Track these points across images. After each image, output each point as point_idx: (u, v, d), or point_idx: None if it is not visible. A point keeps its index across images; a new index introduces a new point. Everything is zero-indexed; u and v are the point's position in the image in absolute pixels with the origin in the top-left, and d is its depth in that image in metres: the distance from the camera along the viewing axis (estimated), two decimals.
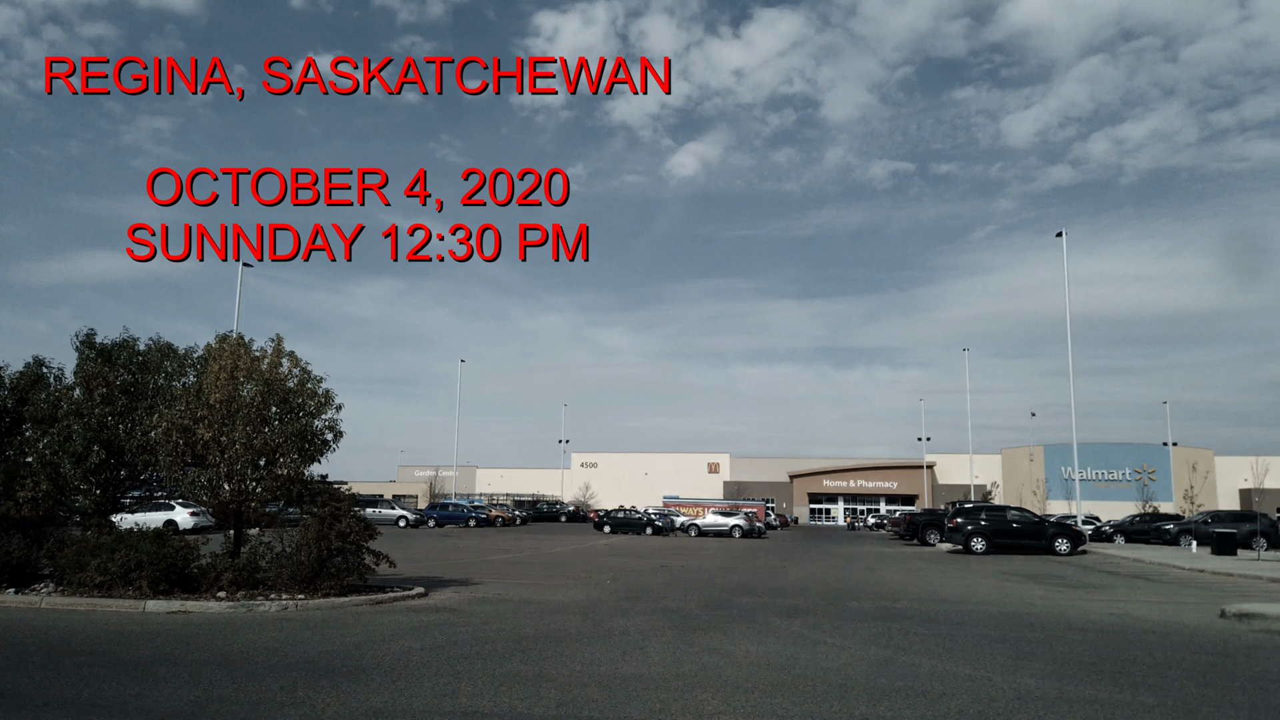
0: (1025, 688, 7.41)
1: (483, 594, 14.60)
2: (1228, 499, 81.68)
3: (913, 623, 11.70)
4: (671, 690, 7.10)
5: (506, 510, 65.07)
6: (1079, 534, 33.89)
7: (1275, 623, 11.95)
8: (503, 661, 8.30)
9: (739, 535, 46.73)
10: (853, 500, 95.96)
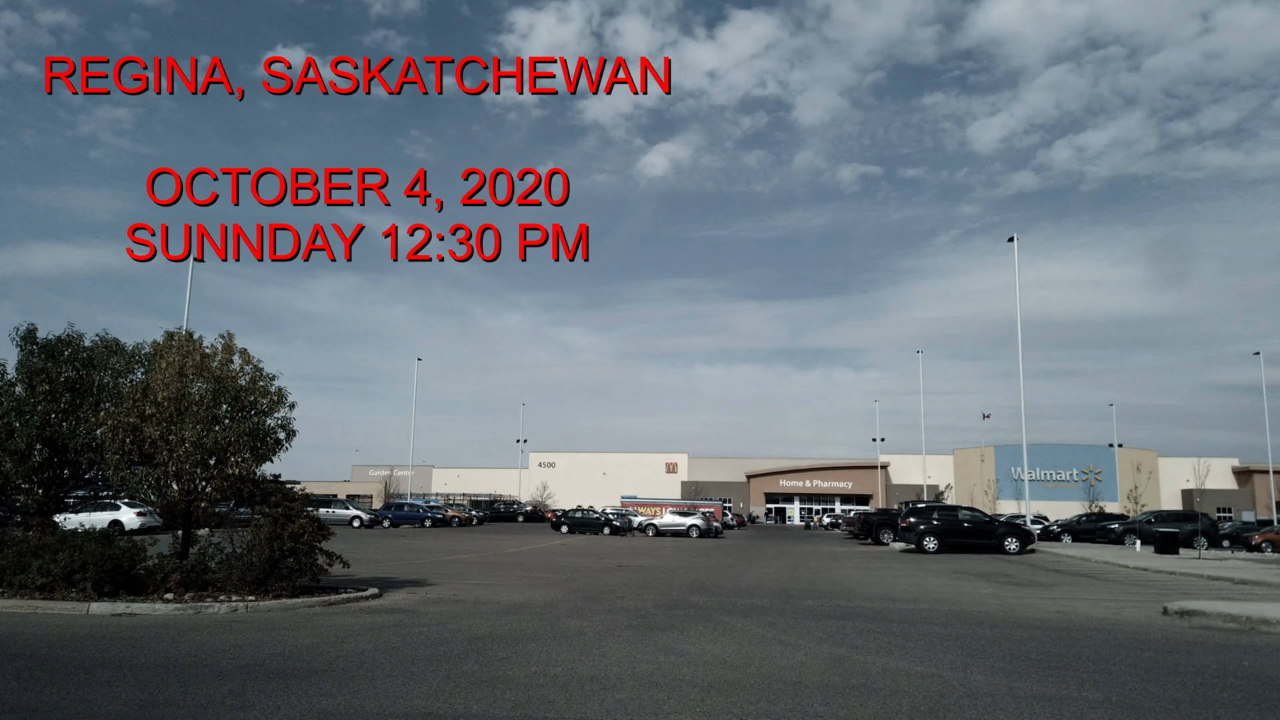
0: (975, 684, 7.54)
1: (438, 595, 14.47)
2: (1170, 499, 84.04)
3: (866, 621, 11.85)
4: (628, 690, 7.11)
5: (463, 510, 64.60)
6: (1028, 533, 34.60)
7: (1214, 620, 12.31)
8: (457, 662, 8.24)
9: (696, 535, 46.92)
10: (809, 500, 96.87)
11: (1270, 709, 6.78)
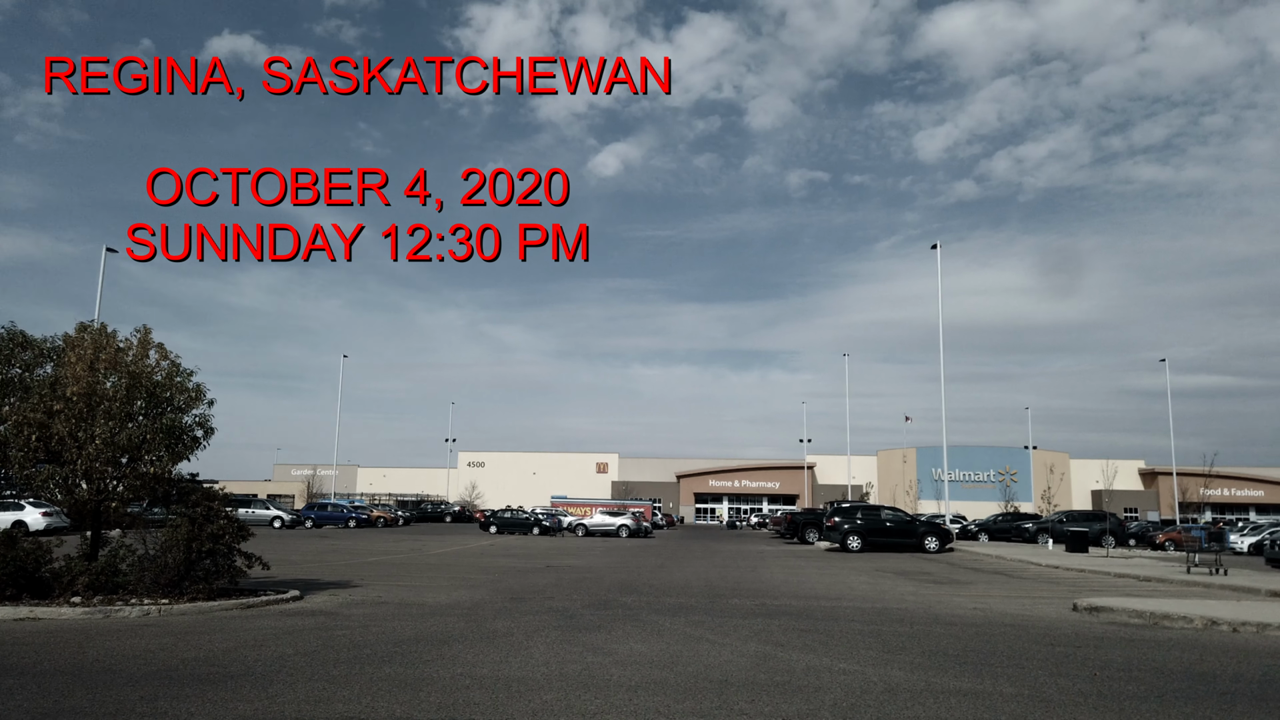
0: (895, 680, 7.73)
1: (361, 596, 14.20)
2: (1081, 499, 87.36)
3: (791, 619, 12.04)
4: (555, 690, 7.09)
5: (389, 510, 63.49)
6: (947, 532, 35.60)
7: (1121, 616, 12.85)
8: (381, 665, 8.10)
9: (626, 535, 47.00)
10: (737, 500, 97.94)
11: (1170, 701, 7.10)
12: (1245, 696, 7.30)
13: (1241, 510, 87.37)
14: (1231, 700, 7.13)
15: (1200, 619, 12.01)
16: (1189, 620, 12.04)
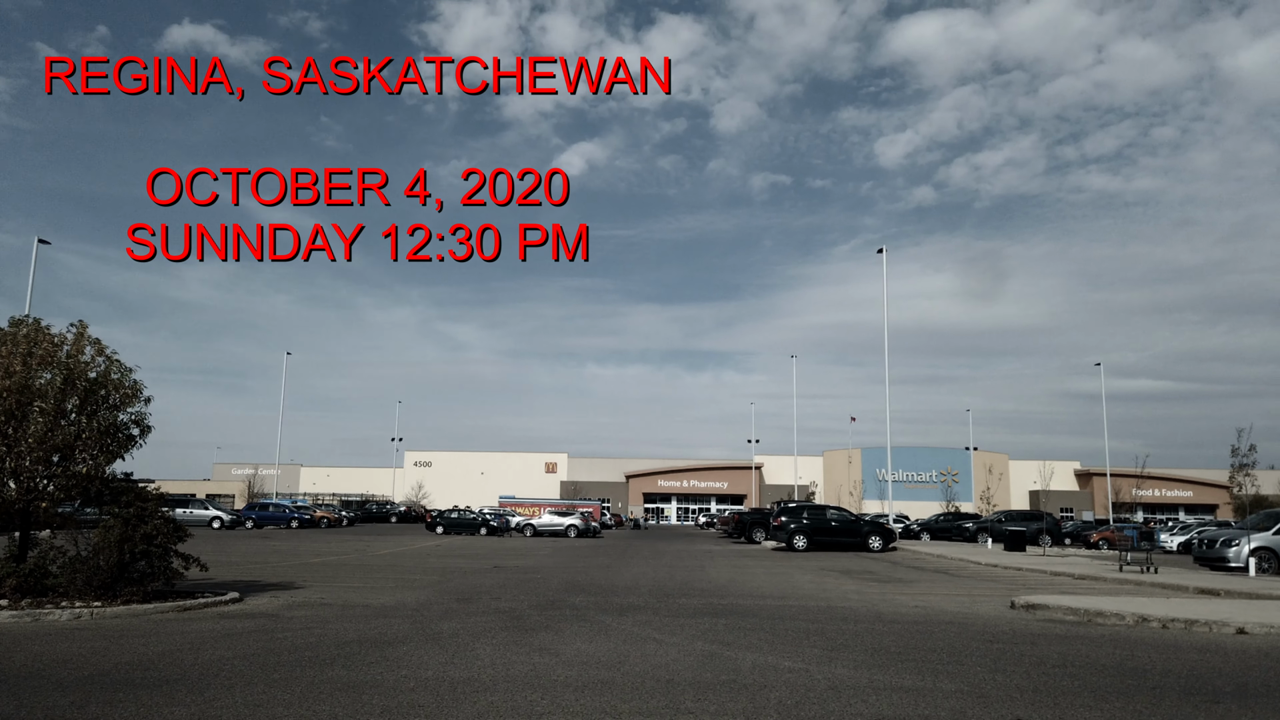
0: (839, 678, 7.83)
1: (303, 598, 13.95)
2: (1020, 499, 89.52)
3: (738, 618, 12.13)
4: (501, 692, 7.04)
5: (332, 510, 62.51)
6: (890, 532, 36.20)
7: (1056, 613, 13.20)
8: (323, 669, 7.97)
9: (575, 535, 46.91)
10: (686, 500, 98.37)
11: (1104, 695, 7.32)
12: (1174, 691, 7.55)
13: (1172, 510, 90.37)
14: (1161, 694, 7.37)
15: (1132, 616, 12.39)
16: (1121, 617, 12.41)
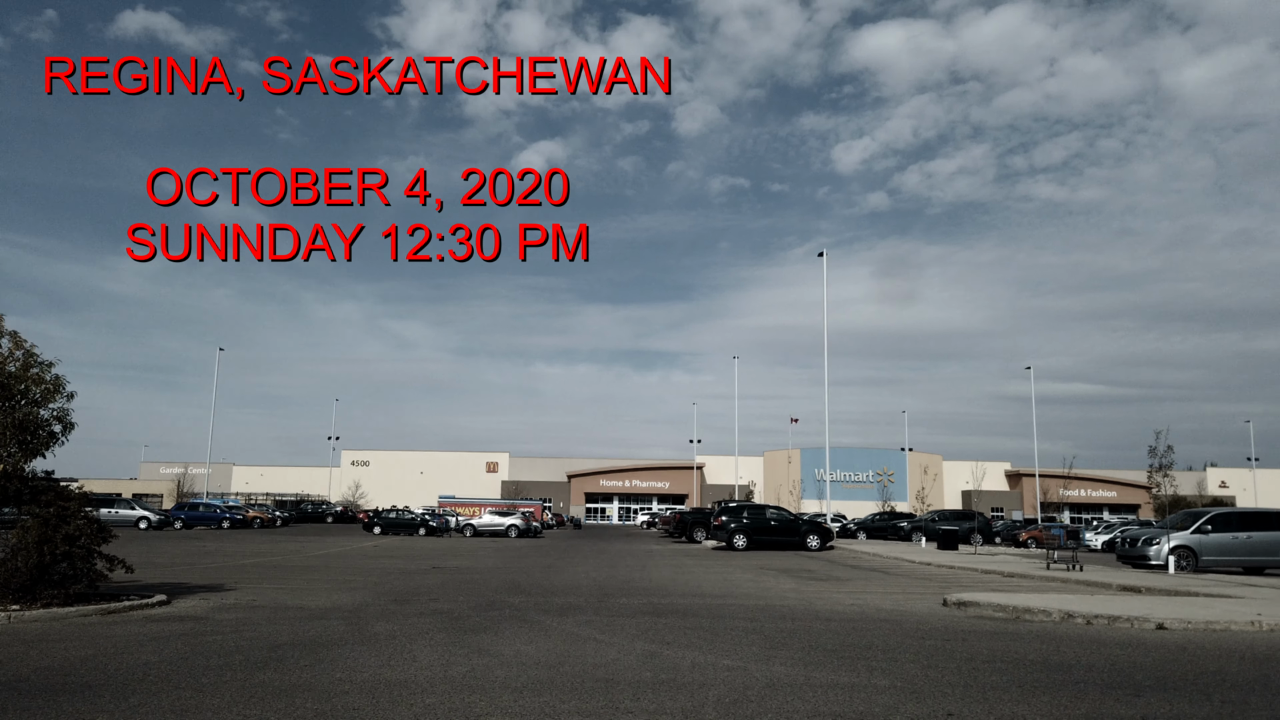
0: (777, 675, 7.92)
1: (234, 600, 13.60)
2: (953, 499, 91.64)
3: (678, 617, 12.18)
4: (439, 694, 6.96)
5: (266, 511, 61.08)
6: (828, 531, 36.72)
7: (987, 610, 13.54)
8: (254, 672, 7.78)
9: (515, 535, 46.61)
10: (628, 499, 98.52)
11: (1030, 689, 7.53)
12: (1096, 685, 7.81)
13: (1097, 510, 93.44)
14: (1084, 688, 7.61)
15: (1058, 612, 12.77)
16: (1048, 614, 12.79)
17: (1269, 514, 25.31)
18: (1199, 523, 23.75)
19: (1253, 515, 25.28)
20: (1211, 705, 6.98)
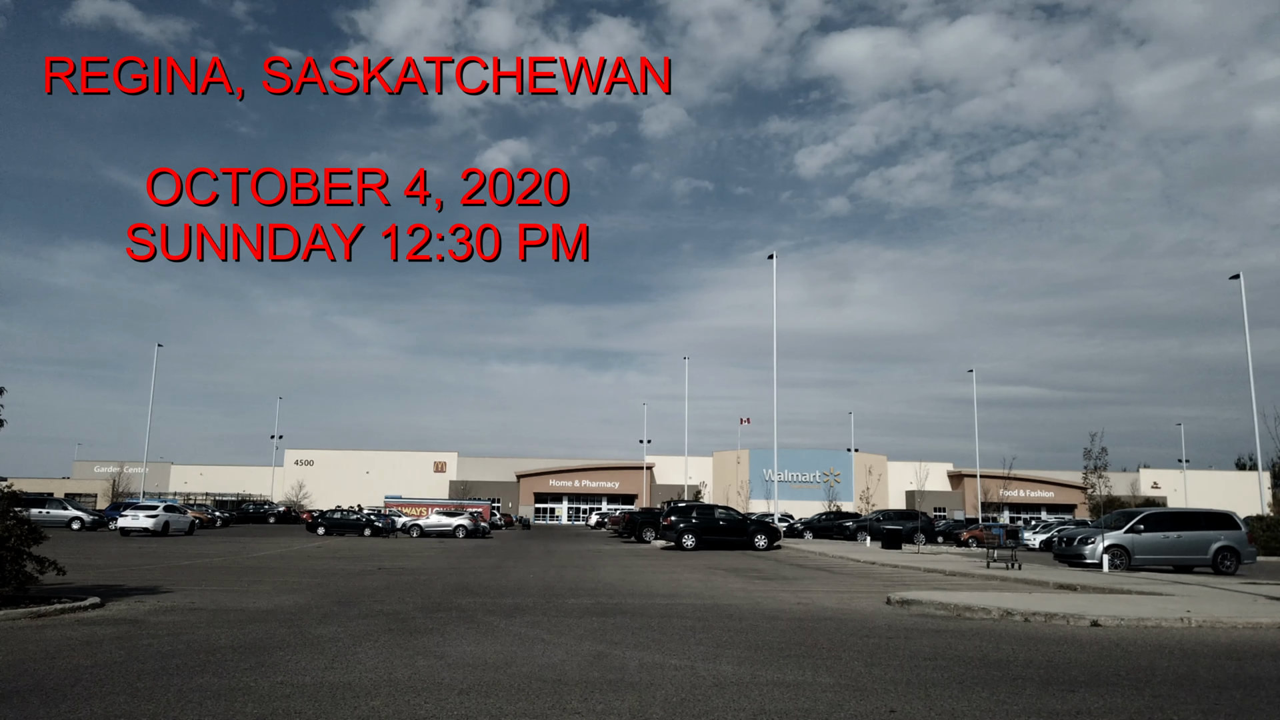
0: (723, 674, 7.97)
1: (171, 603, 13.26)
2: (897, 499, 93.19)
3: (626, 617, 12.19)
4: (383, 696, 6.87)
5: (205, 511, 59.69)
6: (776, 530, 37.07)
7: (929, 608, 13.80)
8: (191, 676, 7.59)
9: (463, 535, 46.20)
10: (577, 500, 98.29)
11: (970, 686, 7.69)
12: (1034, 680, 8.00)
13: (1035, 510, 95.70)
14: (1022, 684, 7.80)
15: (997, 610, 13.06)
16: (987, 611, 13.07)
17: (1198, 514, 26.22)
18: (1132, 522, 24.47)
19: (1182, 515, 26.16)
20: (1143, 699, 7.21)
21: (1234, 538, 24.33)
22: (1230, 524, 24.99)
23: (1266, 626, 12.07)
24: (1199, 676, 8.35)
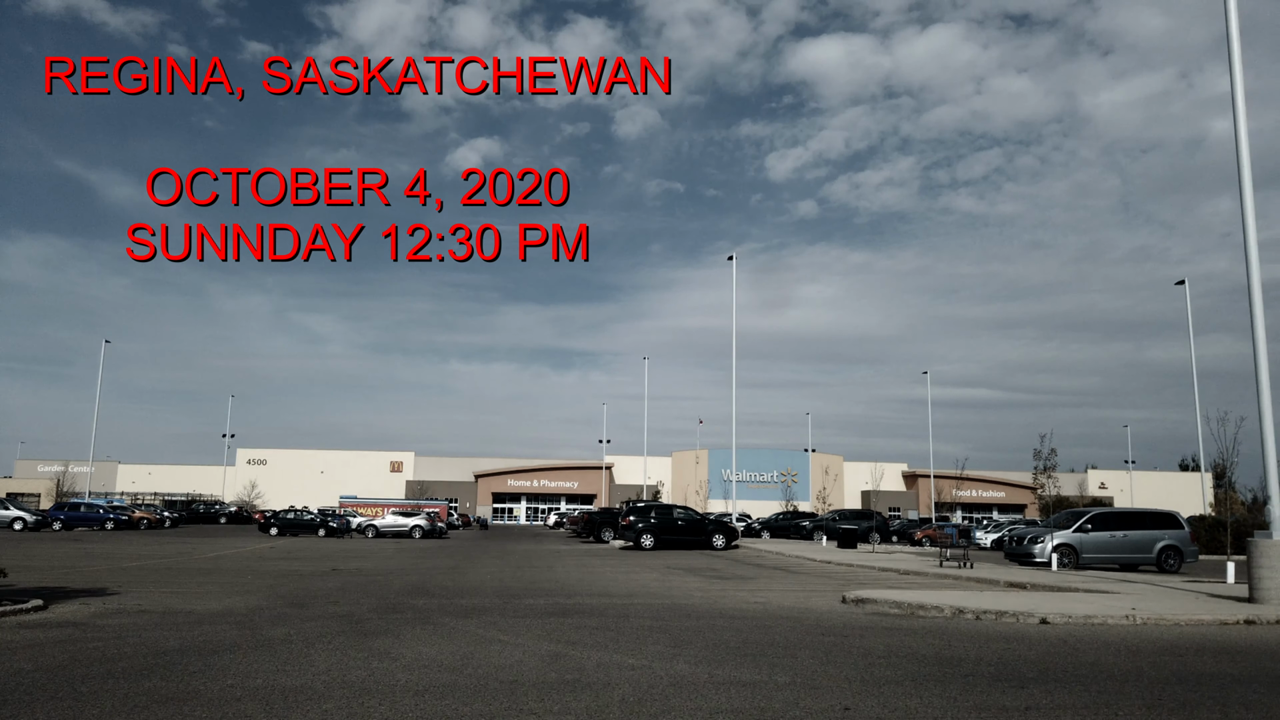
0: (681, 674, 8.00)
1: (118, 605, 12.96)
2: (852, 499, 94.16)
3: (584, 617, 12.17)
4: (336, 699, 6.78)
5: (154, 511, 58.39)
6: (733, 530, 37.28)
7: (884, 607, 13.97)
8: (139, 680, 7.42)
9: (420, 535, 45.77)
10: (535, 500, 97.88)
11: (923, 683, 7.80)
12: (985, 677, 8.15)
13: (987, 509, 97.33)
14: (973, 681, 7.93)
15: (949, 608, 13.27)
16: (940, 609, 13.28)
17: (1143, 514, 26.90)
18: (1080, 522, 25.02)
19: (1129, 515, 26.82)
20: (1090, 695, 7.37)
21: (1177, 537, 24.99)
22: (1174, 524, 25.66)
23: (1208, 623, 12.42)
24: (1143, 672, 8.57)
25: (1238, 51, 15.88)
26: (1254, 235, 15.46)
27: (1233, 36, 15.92)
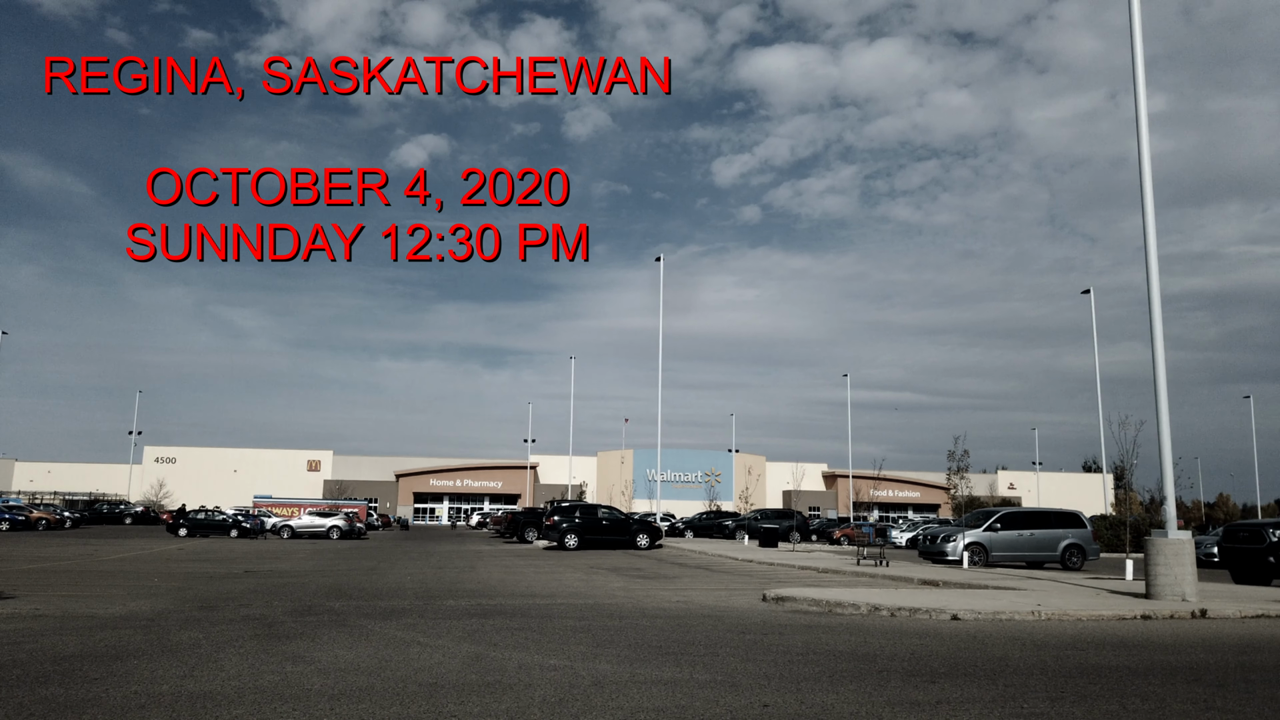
0: (602, 673, 8.00)
1: (12, 609, 12.33)
2: (774, 499, 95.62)
3: (505, 618, 12.08)
4: (247, 705, 6.58)
5: (54, 511, 55.77)
6: (658, 530, 37.49)
7: (803, 604, 14.23)
8: (35, 687, 7.07)
9: (338, 536, 44.78)
10: (458, 499, 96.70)
11: (839, 679, 7.97)
12: (898, 673, 8.36)
13: (902, 509, 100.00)
14: (888, 676, 8.14)
15: (866, 605, 13.59)
16: (856, 607, 13.58)
17: (1049, 513, 28.00)
18: (989, 521, 25.91)
19: (1035, 515, 27.89)
20: (997, 688, 7.64)
21: (1081, 535, 26.09)
22: (1077, 523, 26.79)
23: (1108, 619, 13.00)
24: (1048, 666, 8.92)
25: (1142, 79, 16.69)
26: (1154, 247, 16.21)
27: (1138, 65, 16.71)
